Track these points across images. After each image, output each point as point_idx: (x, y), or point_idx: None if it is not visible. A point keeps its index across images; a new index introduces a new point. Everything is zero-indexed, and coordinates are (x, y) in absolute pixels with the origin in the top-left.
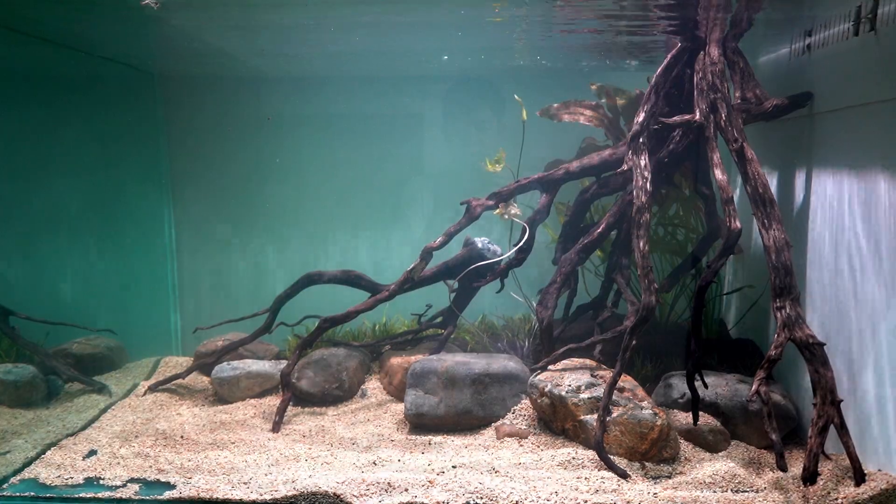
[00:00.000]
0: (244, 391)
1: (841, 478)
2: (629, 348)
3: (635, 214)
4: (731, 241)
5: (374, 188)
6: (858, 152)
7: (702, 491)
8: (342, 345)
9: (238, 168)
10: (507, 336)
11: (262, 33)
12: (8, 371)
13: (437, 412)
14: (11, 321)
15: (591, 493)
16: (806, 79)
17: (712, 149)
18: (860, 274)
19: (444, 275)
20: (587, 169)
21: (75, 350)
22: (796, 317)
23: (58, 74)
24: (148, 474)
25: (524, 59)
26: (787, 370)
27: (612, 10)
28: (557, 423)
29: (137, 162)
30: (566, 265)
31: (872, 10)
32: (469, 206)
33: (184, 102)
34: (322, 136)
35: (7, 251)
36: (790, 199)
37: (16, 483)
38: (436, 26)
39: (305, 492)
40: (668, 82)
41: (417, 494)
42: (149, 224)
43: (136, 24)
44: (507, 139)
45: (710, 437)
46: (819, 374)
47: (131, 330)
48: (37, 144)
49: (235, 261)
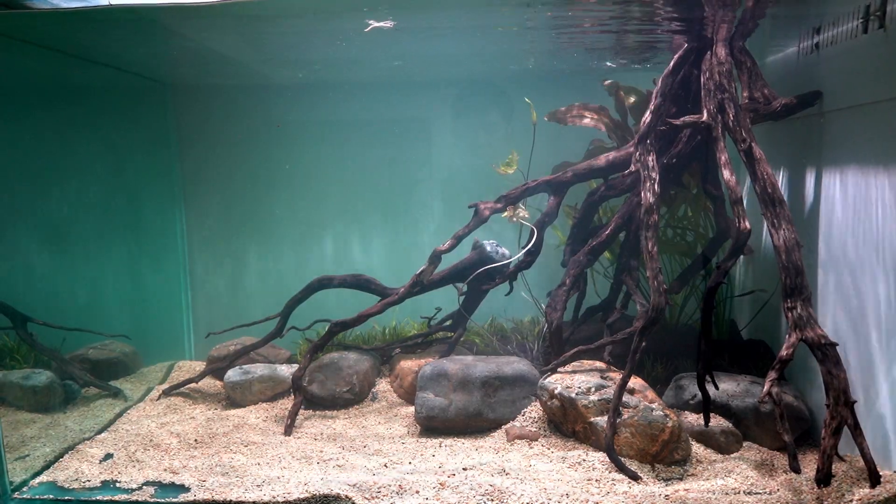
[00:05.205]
0: (256, 395)
1: (855, 479)
2: (639, 350)
3: (644, 215)
4: (741, 242)
5: (383, 192)
6: (869, 150)
7: (714, 493)
8: (353, 348)
9: (249, 174)
10: (517, 338)
11: (270, 41)
12: (27, 376)
13: (447, 414)
14: (29, 327)
15: (601, 495)
16: (814, 77)
17: (720, 149)
18: (873, 273)
19: (453, 278)
20: (595, 171)
21: (91, 355)
22: (808, 317)
23: (73, 85)
24: (163, 477)
25: (532, 62)
26: (799, 371)
27: (618, 12)
28: (568, 425)
29: (150, 169)
30: (575, 267)
31: (881, 8)
32: (477, 209)
33: (195, 111)
34: (331, 142)
35: (24, 258)
36: (800, 198)
37: (35, 486)
38: (443, 32)
39: (318, 494)
40: (675, 83)
41: (428, 496)
42: (161, 230)
43: (149, 35)
44: (515, 142)
45: (721, 439)
46: (832, 375)
47: (145, 335)
48: (52, 153)
49: (247, 266)
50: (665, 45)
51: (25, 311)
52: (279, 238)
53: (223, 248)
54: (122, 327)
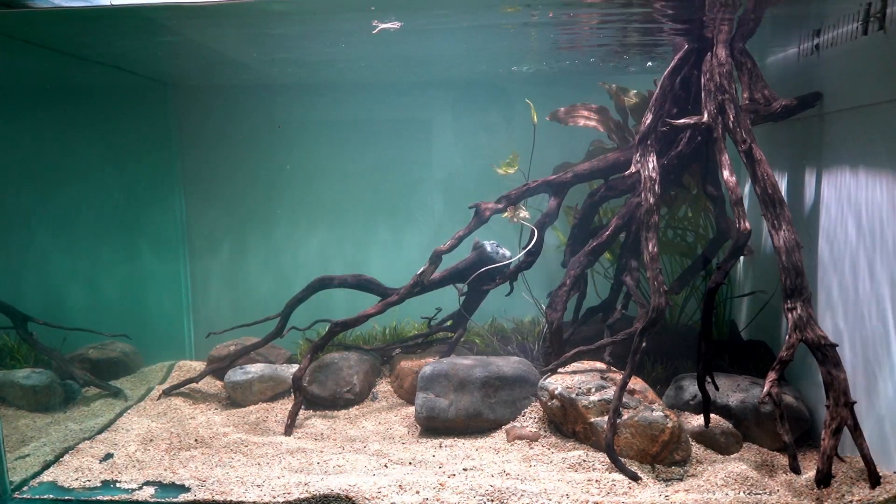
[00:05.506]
0: (256, 395)
1: (855, 480)
2: (639, 350)
3: (644, 216)
4: (741, 243)
5: (384, 192)
6: (869, 152)
7: (714, 493)
8: (353, 348)
9: (250, 174)
10: (517, 339)
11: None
12: (27, 376)
13: (447, 415)
14: (30, 327)
15: (601, 495)
16: (815, 79)
17: (721, 150)
18: (873, 274)
19: (453, 278)
20: (595, 171)
21: (91, 355)
22: (808, 318)
23: (74, 85)
24: (163, 477)
25: (533, 63)
26: (799, 371)
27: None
28: (568, 425)
29: (151, 169)
30: (575, 267)
31: (881, 9)
32: (478, 210)
33: (196, 111)
34: (331, 142)
35: (24, 257)
36: (800, 199)
37: (35, 486)
38: (445, 32)
39: (318, 494)
40: (675, 84)
41: (429, 497)
42: (162, 229)
43: (150, 35)
44: (516, 143)
45: (721, 440)
46: (832, 376)
47: (146, 335)
48: (53, 153)
49: (247, 265)
50: (666, 47)
51: (26, 310)
52: (280, 238)
53: (224, 248)
54: (122, 327)
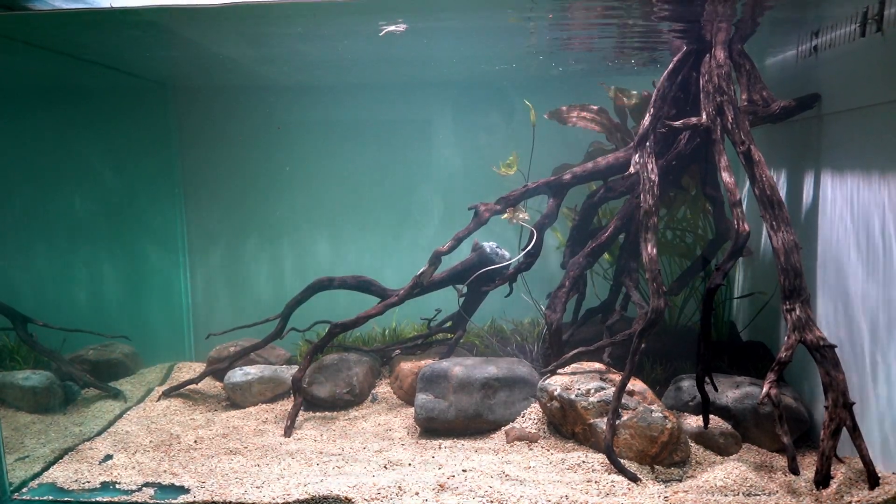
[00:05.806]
0: (256, 396)
1: (854, 481)
2: (638, 351)
3: (643, 217)
4: (740, 244)
5: (384, 194)
6: (867, 153)
7: (713, 494)
8: (353, 350)
9: (249, 175)
10: (517, 340)
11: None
12: (27, 377)
13: (447, 416)
14: (29, 328)
15: (601, 496)
16: (813, 80)
17: (719, 151)
18: (871, 275)
19: (453, 279)
20: (595, 173)
21: (91, 356)
22: (806, 319)
23: (74, 86)
24: (163, 478)
25: (532, 64)
26: (798, 373)
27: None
28: (567, 426)
29: (151, 170)
30: (574, 269)
31: (879, 12)
32: (477, 211)
33: (196, 112)
34: (331, 143)
35: (24, 259)
36: (799, 200)
37: (34, 487)
38: (445, 33)
39: (317, 496)
40: (674, 86)
41: (428, 498)
42: (162, 231)
43: (150, 37)
44: (516, 144)
45: (720, 441)
46: (830, 377)
47: (145, 336)
48: (53, 154)
49: (247, 267)
50: (664, 48)
51: (25, 311)
52: (280, 239)
53: (224, 249)
54: (122, 328)
